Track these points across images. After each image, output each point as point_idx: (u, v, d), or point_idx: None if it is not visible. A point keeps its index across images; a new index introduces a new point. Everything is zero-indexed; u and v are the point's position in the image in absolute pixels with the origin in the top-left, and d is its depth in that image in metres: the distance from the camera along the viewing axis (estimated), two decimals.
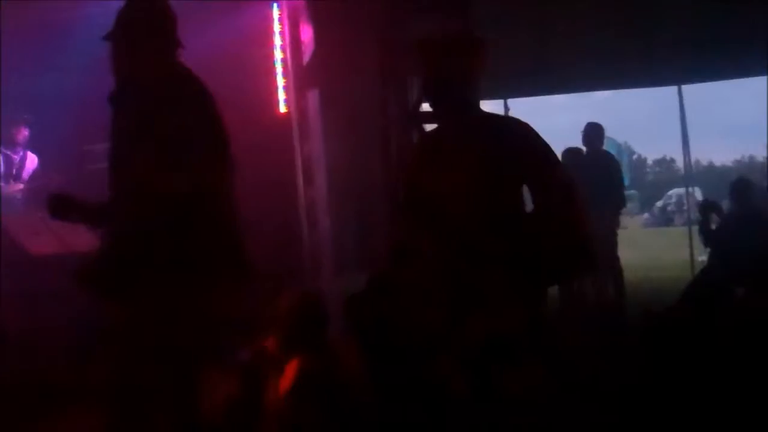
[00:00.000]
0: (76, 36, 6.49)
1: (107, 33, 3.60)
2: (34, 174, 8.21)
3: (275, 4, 7.73)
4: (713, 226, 7.54)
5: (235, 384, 4.03)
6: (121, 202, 3.51)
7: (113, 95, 3.61)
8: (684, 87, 11.66)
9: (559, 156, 5.34)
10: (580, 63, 9.32)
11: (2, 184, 8.05)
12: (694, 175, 15.91)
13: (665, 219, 28.97)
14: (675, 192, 29.27)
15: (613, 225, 8.36)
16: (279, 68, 7.73)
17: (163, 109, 3.43)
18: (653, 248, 15.22)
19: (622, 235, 8.83)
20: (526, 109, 13.86)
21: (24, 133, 8.17)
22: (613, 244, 8.30)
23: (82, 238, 5.96)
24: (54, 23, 7.42)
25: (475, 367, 3.21)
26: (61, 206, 3.62)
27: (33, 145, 8.25)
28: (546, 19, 8.06)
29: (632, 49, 8.95)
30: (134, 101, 3.51)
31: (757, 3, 7.44)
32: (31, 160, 8.27)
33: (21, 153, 8.23)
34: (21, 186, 8.14)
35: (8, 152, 8.17)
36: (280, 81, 7.72)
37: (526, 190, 3.43)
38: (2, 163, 8.12)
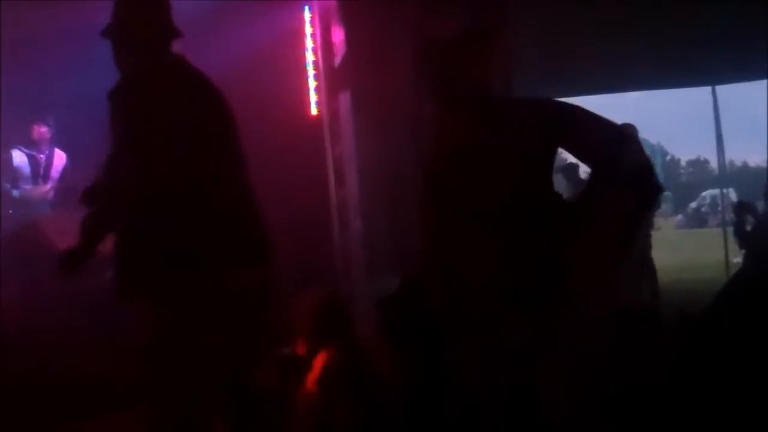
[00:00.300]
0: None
1: (103, 30, 3.59)
2: (64, 171, 8.08)
3: (307, 6, 7.75)
4: (748, 227, 7.48)
5: (268, 382, 4.06)
6: (120, 198, 3.51)
7: (111, 92, 3.59)
8: (718, 87, 11.55)
9: None
10: (611, 63, 9.26)
11: (30, 185, 7.98)
12: (728, 175, 15.76)
13: (699, 220, 28.79)
14: (709, 193, 29.08)
15: (647, 226, 8.30)
16: (310, 70, 7.75)
17: (162, 103, 3.42)
18: (687, 249, 15.09)
19: (656, 237, 8.77)
20: None
21: (40, 130, 7.97)
22: (646, 246, 8.24)
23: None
24: (83, 24, 7.46)
25: (508, 368, 3.19)
26: (71, 261, 3.62)
27: (62, 145, 8.12)
28: (578, 20, 8.00)
29: (665, 49, 8.88)
30: (132, 97, 3.50)
31: None
32: (59, 158, 8.11)
33: (46, 152, 8.06)
34: (49, 186, 8.03)
35: (32, 153, 8.02)
36: (312, 83, 7.74)
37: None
38: (27, 165, 7.99)
